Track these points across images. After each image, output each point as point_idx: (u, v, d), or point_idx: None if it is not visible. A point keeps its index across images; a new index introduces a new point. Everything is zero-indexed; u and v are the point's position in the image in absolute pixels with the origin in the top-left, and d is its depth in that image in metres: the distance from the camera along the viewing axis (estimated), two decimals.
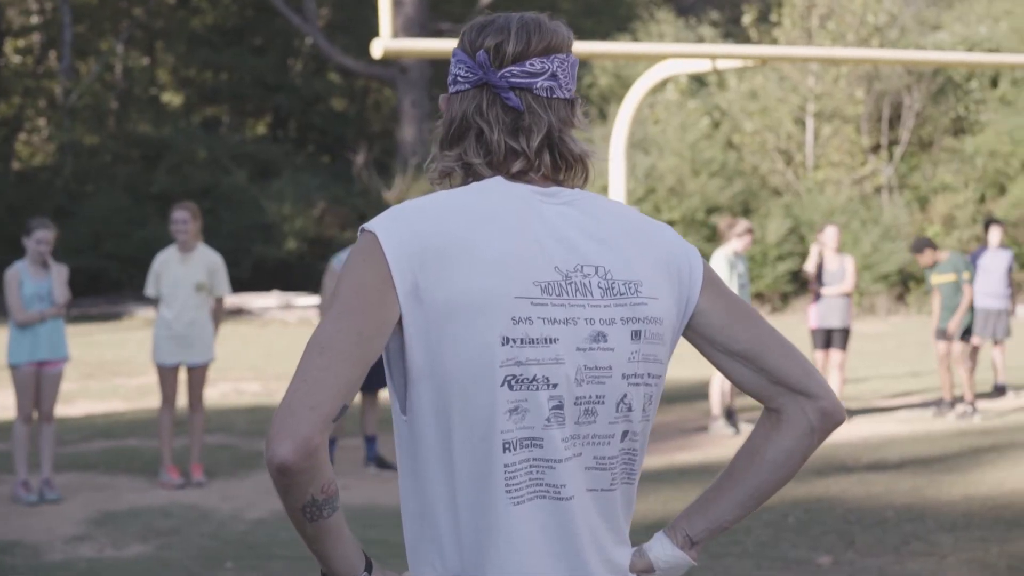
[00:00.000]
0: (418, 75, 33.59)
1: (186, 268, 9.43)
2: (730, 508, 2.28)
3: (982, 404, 13.38)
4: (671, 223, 28.05)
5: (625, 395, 2.15)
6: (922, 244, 13.34)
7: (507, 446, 2.05)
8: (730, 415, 11.86)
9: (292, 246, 29.92)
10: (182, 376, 9.63)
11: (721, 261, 11.58)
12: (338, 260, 9.91)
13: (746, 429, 11.68)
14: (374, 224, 2.08)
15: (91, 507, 8.69)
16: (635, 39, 36.30)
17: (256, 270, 29.96)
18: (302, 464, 1.91)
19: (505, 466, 2.06)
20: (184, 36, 38.00)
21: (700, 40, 36.89)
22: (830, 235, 12.71)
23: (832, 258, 12.69)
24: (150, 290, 9.50)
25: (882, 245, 30.35)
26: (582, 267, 2.12)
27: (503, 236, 2.08)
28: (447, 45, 12.63)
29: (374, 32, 10.50)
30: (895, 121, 34.96)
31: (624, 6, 41.52)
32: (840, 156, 33.37)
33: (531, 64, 2.17)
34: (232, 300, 25.83)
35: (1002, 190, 33.31)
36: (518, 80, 2.16)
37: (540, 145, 2.17)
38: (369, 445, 10.06)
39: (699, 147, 32.56)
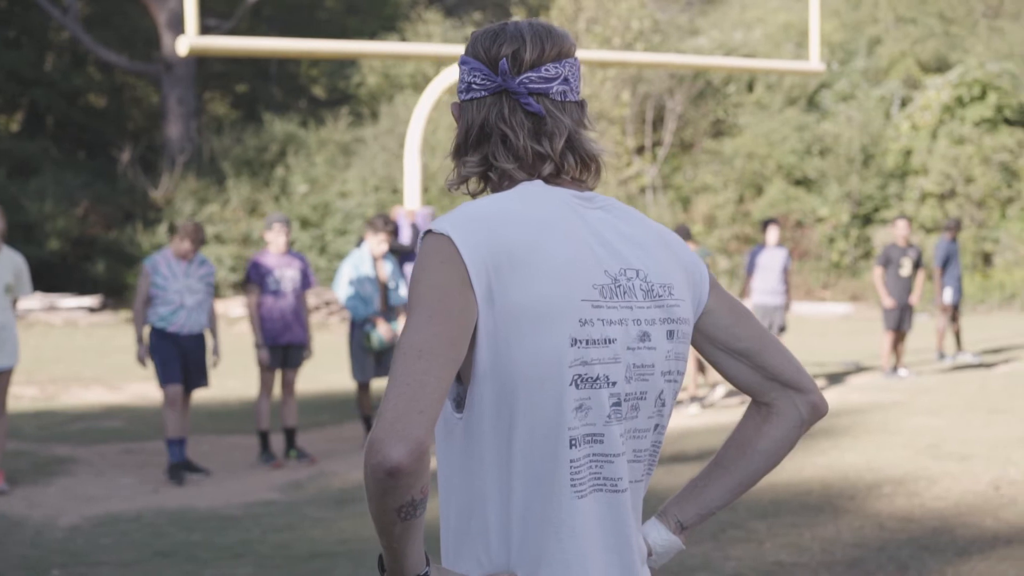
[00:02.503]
0: (184, 71, 32.86)
1: None
2: (720, 495, 2.41)
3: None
4: None
5: (662, 391, 2.25)
6: (685, 233, 13.83)
7: (573, 442, 2.12)
8: None
9: (55, 246, 28.91)
10: None
11: None
12: (150, 262, 9.70)
13: None
14: (446, 228, 2.09)
15: None
16: (403, 39, 36.31)
17: None
18: (414, 466, 1.93)
19: (571, 461, 2.12)
20: None
21: (466, 41, 37.11)
22: None
23: None
24: None
25: None
26: (625, 270, 2.20)
27: (564, 241, 2.13)
28: (254, 44, 12.51)
29: (134, 26, 10.26)
30: (658, 123, 35.90)
31: (389, 5, 41.46)
32: (607, 157, 34.03)
33: (546, 69, 2.23)
34: None
35: (759, 191, 34.54)
36: (536, 86, 2.22)
37: (563, 148, 2.24)
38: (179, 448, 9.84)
39: None
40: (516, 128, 2.21)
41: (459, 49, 15.85)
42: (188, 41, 10.15)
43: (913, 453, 10.14)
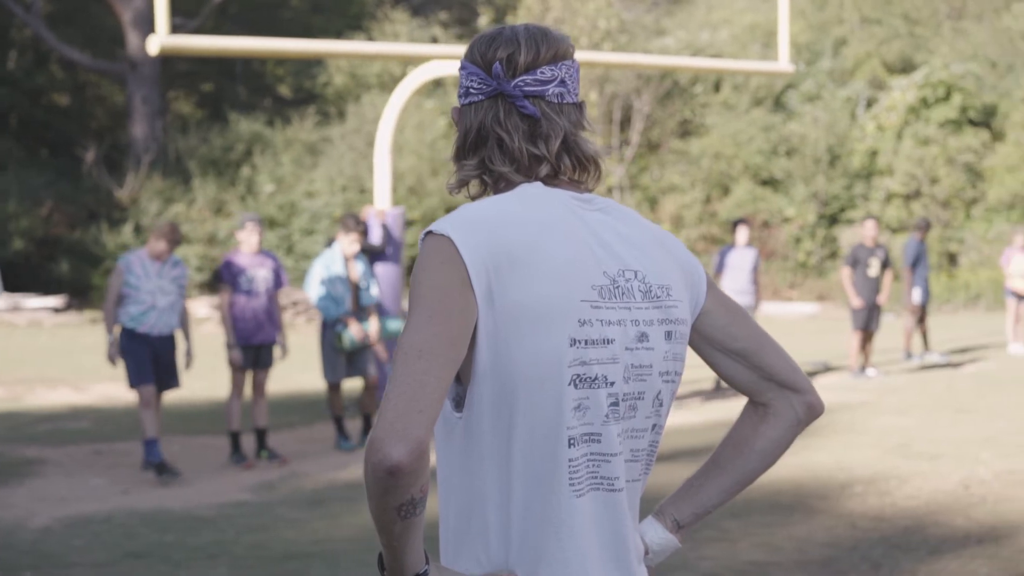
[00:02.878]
0: (149, 70, 32.69)
1: None
2: (716, 494, 2.43)
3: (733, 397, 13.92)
4: (410, 223, 28.19)
5: (659, 392, 2.26)
6: None
7: (572, 441, 2.13)
8: None
9: (19, 246, 28.70)
10: None
11: None
12: (124, 261, 9.66)
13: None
14: (446, 228, 2.11)
15: None
16: (369, 38, 36.25)
17: None
18: (414, 465, 1.94)
19: (570, 460, 2.14)
20: None
21: (434, 40, 37.11)
22: None
23: None
24: None
25: None
26: (623, 271, 2.21)
27: (563, 241, 2.15)
28: (226, 43, 12.45)
29: (98, 24, 10.20)
30: (625, 123, 35.95)
31: (355, 4, 41.38)
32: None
33: (542, 72, 2.24)
34: None
35: (726, 191, 34.66)
36: (531, 88, 2.23)
37: (559, 149, 2.24)
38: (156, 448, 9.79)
39: (437, 147, 32.77)
40: (511, 131, 2.23)
41: (426, 48, 15.82)
42: (159, 40, 10.08)
43: (882, 453, 10.19)
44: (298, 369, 15.65)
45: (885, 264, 15.78)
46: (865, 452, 10.22)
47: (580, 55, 25.39)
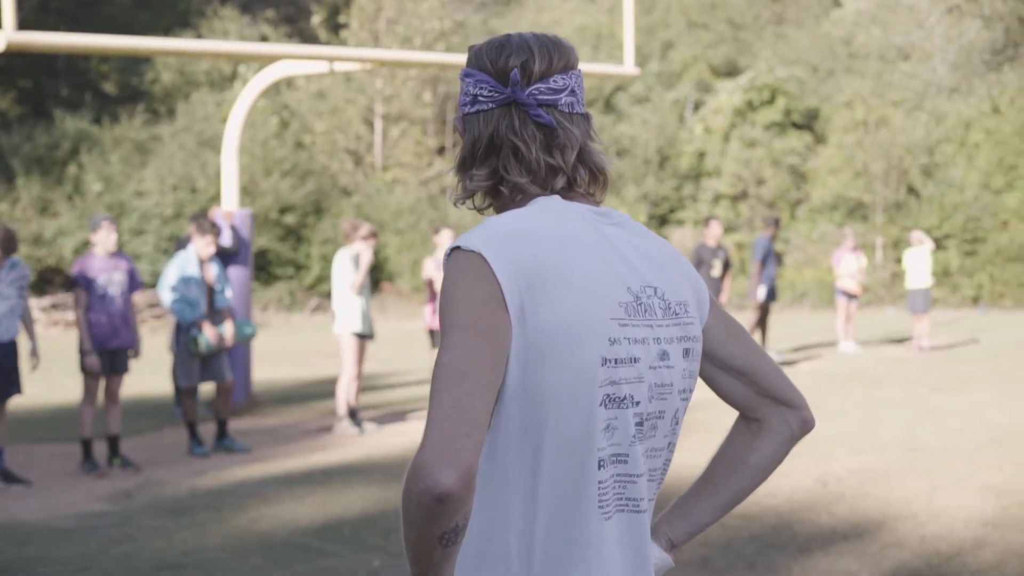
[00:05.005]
0: None
1: None
2: (710, 512, 2.40)
3: None
4: None
5: (677, 410, 2.22)
6: None
7: (601, 463, 2.09)
8: (353, 415, 11.92)
9: None
10: None
11: (346, 260, 11.70)
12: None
13: (369, 428, 11.80)
14: (477, 244, 2.04)
15: None
16: (198, 35, 35.68)
17: None
18: (463, 492, 1.88)
19: (599, 483, 2.09)
20: None
21: (264, 38, 36.69)
22: (447, 238, 12.96)
23: None
24: None
25: None
26: (644, 288, 2.16)
27: (589, 257, 2.10)
28: (79, 40, 12.08)
29: None
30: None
31: (183, 1, 40.68)
32: (408, 157, 34.06)
33: (554, 81, 2.18)
34: None
35: None
36: (545, 97, 2.17)
37: (575, 161, 2.19)
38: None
39: (270, 146, 32.40)
40: (528, 140, 2.16)
41: (256, 47, 15.62)
42: (6, 36, 9.73)
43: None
44: (139, 373, 15.29)
45: (727, 265, 16.08)
46: None
47: (414, 55, 25.37)
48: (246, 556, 7.16)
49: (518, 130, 2.17)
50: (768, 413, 2.37)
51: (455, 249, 2.05)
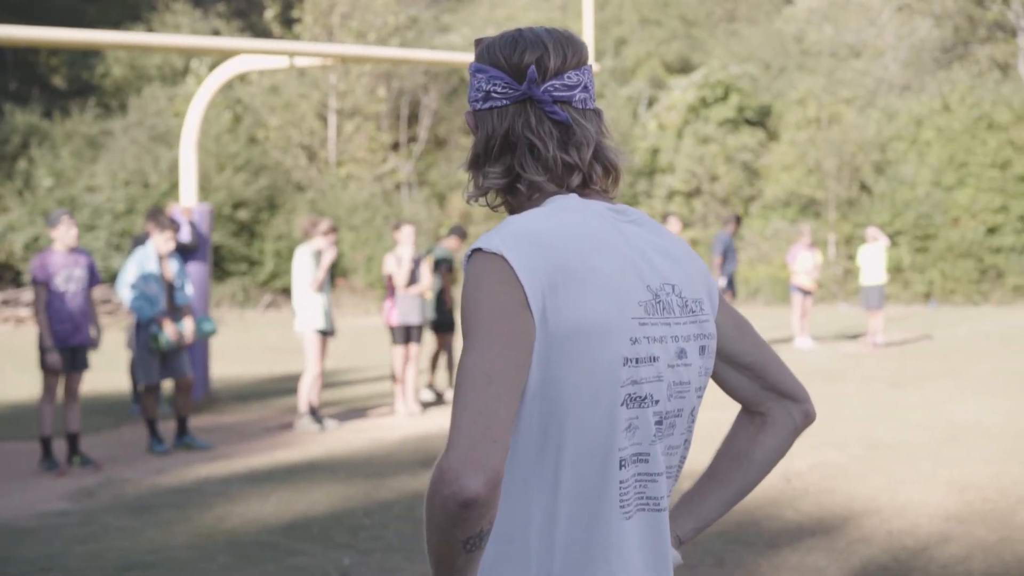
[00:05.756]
0: None
1: None
2: (716, 507, 2.40)
3: None
4: None
5: (694, 408, 2.22)
6: (462, 233, 14.10)
7: (622, 463, 2.08)
8: (314, 412, 11.86)
9: None
10: None
11: (307, 256, 11.66)
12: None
13: (330, 425, 11.76)
14: (498, 246, 2.02)
15: None
16: (149, 29, 35.40)
17: None
18: (490, 497, 1.86)
19: (620, 482, 2.08)
20: None
21: (216, 32, 36.47)
22: (408, 234, 12.90)
23: (412, 258, 12.89)
24: None
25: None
26: (663, 285, 2.15)
27: (610, 256, 2.08)
28: (30, 33, 11.91)
29: None
30: (413, 119, 35.93)
31: None
32: (363, 153, 33.93)
33: (568, 77, 2.17)
34: None
35: None
36: (560, 94, 2.15)
37: (591, 157, 2.18)
38: None
39: (223, 141, 32.19)
40: (544, 137, 2.14)
41: (216, 41, 15.50)
42: None
43: (700, 446, 10.37)
44: (99, 370, 15.15)
45: None
46: None
47: (367, 50, 25.28)
48: (214, 555, 7.10)
49: (534, 127, 2.15)
50: (772, 407, 2.38)
51: (476, 251, 2.03)
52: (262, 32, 36.84)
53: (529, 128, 2.15)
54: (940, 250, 32.29)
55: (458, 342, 13.86)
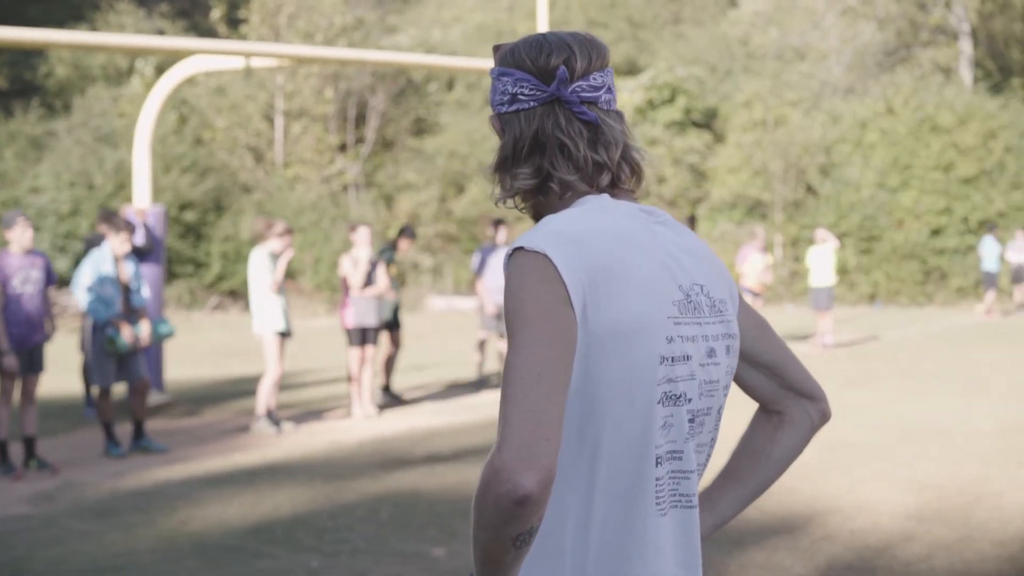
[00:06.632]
0: None
1: None
2: (733, 504, 2.44)
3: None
4: None
5: (720, 406, 2.25)
6: (411, 233, 14.14)
7: (658, 460, 2.10)
8: (271, 414, 11.82)
9: None
10: None
11: (264, 259, 11.63)
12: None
13: (287, 427, 11.72)
14: (540, 245, 2.04)
15: None
16: (93, 28, 35.11)
17: None
18: (543, 495, 1.88)
19: (656, 479, 2.10)
20: None
21: (160, 32, 36.22)
22: (364, 235, 12.87)
23: (368, 260, 12.86)
24: None
25: None
26: (693, 285, 2.18)
27: (645, 256, 2.11)
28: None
29: None
30: (361, 121, 35.83)
31: None
32: (310, 154, 33.81)
33: (594, 78, 2.20)
34: None
35: (461, 189, 34.93)
36: (587, 95, 2.19)
37: (619, 157, 2.21)
38: None
39: (168, 142, 31.96)
40: (575, 138, 2.17)
41: (170, 42, 15.39)
42: None
43: None
44: (52, 372, 15.00)
45: None
46: None
47: (314, 51, 25.19)
48: (180, 558, 7.07)
49: (564, 128, 2.18)
50: (790, 405, 2.41)
51: (518, 250, 2.05)
52: (207, 32, 36.61)
53: (559, 128, 2.18)
54: (885, 252, 32.58)
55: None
